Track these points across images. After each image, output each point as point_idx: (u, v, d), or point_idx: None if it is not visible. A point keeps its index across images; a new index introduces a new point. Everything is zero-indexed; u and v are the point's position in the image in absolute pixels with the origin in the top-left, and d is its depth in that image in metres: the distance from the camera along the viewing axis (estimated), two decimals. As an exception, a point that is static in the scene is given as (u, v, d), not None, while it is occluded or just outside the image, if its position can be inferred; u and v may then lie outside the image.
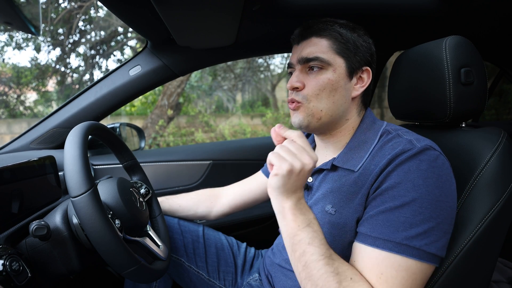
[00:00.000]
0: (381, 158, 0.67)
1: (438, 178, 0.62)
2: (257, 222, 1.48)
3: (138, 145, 1.57)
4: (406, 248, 0.59)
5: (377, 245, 0.61)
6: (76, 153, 0.63)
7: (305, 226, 0.61)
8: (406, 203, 0.60)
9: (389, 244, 0.60)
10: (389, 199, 0.62)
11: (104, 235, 0.60)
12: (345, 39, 0.74)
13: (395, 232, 0.60)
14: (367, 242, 0.62)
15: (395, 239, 0.59)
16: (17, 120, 6.18)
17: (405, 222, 0.60)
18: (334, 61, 0.74)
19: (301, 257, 0.60)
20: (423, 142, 0.66)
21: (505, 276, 1.06)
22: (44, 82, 6.31)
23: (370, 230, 0.63)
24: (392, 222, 0.61)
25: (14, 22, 0.67)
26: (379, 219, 0.62)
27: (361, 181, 0.69)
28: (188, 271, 0.99)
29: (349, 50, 0.75)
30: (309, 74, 0.76)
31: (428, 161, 0.63)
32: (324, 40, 0.75)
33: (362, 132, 0.76)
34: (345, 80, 0.75)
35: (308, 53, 0.75)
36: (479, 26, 1.16)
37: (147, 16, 0.94)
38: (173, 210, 1.06)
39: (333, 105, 0.75)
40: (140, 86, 1.21)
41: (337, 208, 0.71)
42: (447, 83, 0.75)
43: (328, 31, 0.75)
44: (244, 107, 7.66)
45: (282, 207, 0.62)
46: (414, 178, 0.61)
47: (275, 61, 7.69)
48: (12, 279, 0.56)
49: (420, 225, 0.59)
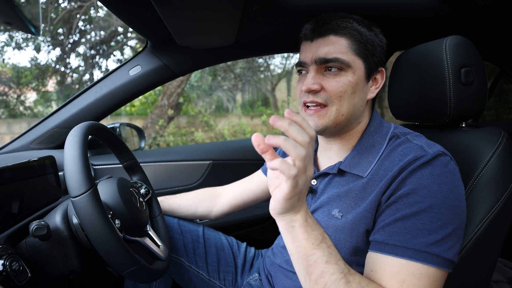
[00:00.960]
0: (392, 164, 0.66)
1: (451, 183, 0.61)
2: (257, 222, 1.48)
3: (138, 145, 1.57)
4: (426, 255, 0.57)
5: (396, 253, 0.58)
6: (76, 153, 0.63)
7: (319, 243, 0.56)
8: (423, 210, 0.59)
9: (409, 252, 0.57)
10: (405, 206, 0.61)
11: (104, 235, 0.60)
12: (364, 39, 0.71)
13: (413, 239, 0.58)
14: (385, 250, 0.60)
15: (414, 246, 0.57)
16: (17, 120, 6.18)
17: (423, 229, 0.58)
18: (354, 63, 0.70)
19: (319, 279, 0.55)
20: (434, 148, 0.65)
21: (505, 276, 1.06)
22: (44, 82, 6.30)
23: (387, 238, 0.60)
24: (410, 229, 0.59)
25: (14, 22, 0.67)
26: (396, 227, 0.60)
27: (370, 187, 0.67)
28: (188, 271, 0.99)
29: (368, 50, 0.71)
30: (326, 75, 0.71)
31: (441, 167, 0.62)
32: (344, 39, 0.70)
33: (370, 135, 0.74)
34: (363, 83, 0.72)
35: (326, 53, 0.70)
36: (479, 26, 1.16)
37: (147, 16, 0.94)
38: (173, 210, 1.05)
39: (353, 109, 0.72)
40: (140, 86, 1.21)
41: (344, 213, 0.69)
42: (447, 83, 0.75)
43: (347, 29, 0.70)
44: (244, 107, 7.66)
45: (291, 227, 0.56)
46: (429, 184, 0.60)
47: (275, 61, 7.70)
48: (12, 279, 0.56)
49: (438, 231, 0.58)
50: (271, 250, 0.96)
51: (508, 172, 0.69)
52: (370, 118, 0.78)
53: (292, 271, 0.82)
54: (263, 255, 1.05)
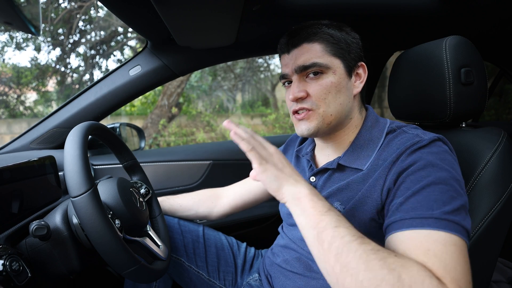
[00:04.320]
0: (390, 152, 0.68)
1: (451, 161, 0.63)
2: (257, 222, 1.48)
3: (138, 145, 1.57)
4: (447, 223, 0.54)
5: (415, 225, 0.56)
6: (76, 153, 0.63)
7: (327, 210, 0.57)
8: (432, 182, 0.59)
9: (429, 221, 0.55)
10: (413, 183, 0.60)
11: (104, 235, 0.60)
12: (336, 40, 0.74)
13: (430, 210, 0.56)
14: (403, 226, 0.57)
15: (432, 216, 0.55)
16: (17, 120, 6.18)
17: (437, 200, 0.57)
18: (331, 63, 0.73)
19: (331, 246, 0.53)
20: (430, 135, 0.67)
21: (505, 276, 1.06)
22: (44, 82, 6.31)
23: (403, 215, 0.58)
24: (424, 202, 0.57)
25: (14, 22, 0.67)
26: (410, 203, 0.59)
27: (370, 177, 0.69)
28: (188, 271, 0.99)
29: (343, 49, 0.74)
30: (309, 81, 0.74)
31: (438, 147, 0.64)
32: (316, 44, 0.74)
33: (367, 130, 0.76)
34: (346, 80, 0.75)
35: (304, 61, 0.73)
36: (479, 26, 1.16)
37: (147, 16, 0.94)
38: (174, 210, 1.06)
39: (340, 107, 0.74)
40: (140, 86, 1.21)
41: (345, 205, 0.71)
42: (447, 83, 0.75)
43: (318, 34, 0.74)
44: (244, 107, 7.66)
45: (298, 198, 0.58)
46: (431, 160, 0.62)
47: (275, 61, 7.69)
48: (12, 279, 0.56)
49: (452, 202, 0.57)
50: (270, 250, 0.96)
51: (508, 172, 0.69)
52: (366, 114, 0.80)
53: (292, 271, 0.82)
54: (263, 255, 1.05)
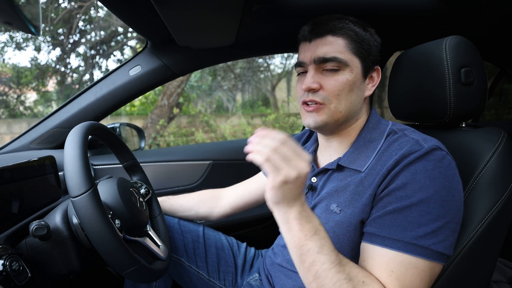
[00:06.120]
0: (388, 158, 0.67)
1: (445, 178, 0.62)
2: (257, 222, 1.48)
3: (138, 145, 1.57)
4: (414, 248, 0.59)
5: (386, 244, 0.61)
6: (76, 153, 0.63)
7: (312, 234, 0.59)
8: (414, 204, 0.61)
9: (398, 244, 0.60)
10: (397, 200, 0.63)
11: (104, 235, 0.60)
12: (360, 39, 0.73)
13: (403, 232, 0.60)
14: (376, 242, 0.63)
15: (403, 239, 0.60)
16: (17, 120, 6.18)
17: (413, 222, 0.60)
18: (351, 61, 0.72)
19: (310, 268, 0.58)
20: (430, 143, 0.66)
21: (505, 276, 1.06)
22: (44, 82, 6.31)
23: (378, 230, 0.63)
24: (400, 222, 0.61)
25: (14, 22, 0.67)
26: (387, 220, 0.63)
27: (367, 181, 0.69)
28: (188, 271, 0.99)
29: (364, 50, 0.74)
30: (325, 74, 0.73)
31: (435, 161, 0.63)
32: (341, 39, 0.72)
33: (368, 131, 0.76)
34: (360, 81, 0.75)
35: (325, 53, 0.72)
36: (479, 26, 1.16)
37: (147, 16, 0.94)
38: (174, 210, 1.06)
39: (350, 106, 0.74)
40: (140, 86, 1.21)
41: (342, 208, 0.71)
42: (447, 83, 0.75)
43: (344, 29, 0.73)
44: (244, 107, 7.67)
45: (286, 218, 0.59)
46: (421, 178, 0.62)
47: (275, 61, 7.71)
48: (12, 279, 0.56)
49: (428, 224, 0.60)
50: (271, 249, 0.96)
51: (508, 172, 0.69)
52: (369, 115, 0.80)
53: (293, 270, 0.82)
54: (263, 255, 1.05)
